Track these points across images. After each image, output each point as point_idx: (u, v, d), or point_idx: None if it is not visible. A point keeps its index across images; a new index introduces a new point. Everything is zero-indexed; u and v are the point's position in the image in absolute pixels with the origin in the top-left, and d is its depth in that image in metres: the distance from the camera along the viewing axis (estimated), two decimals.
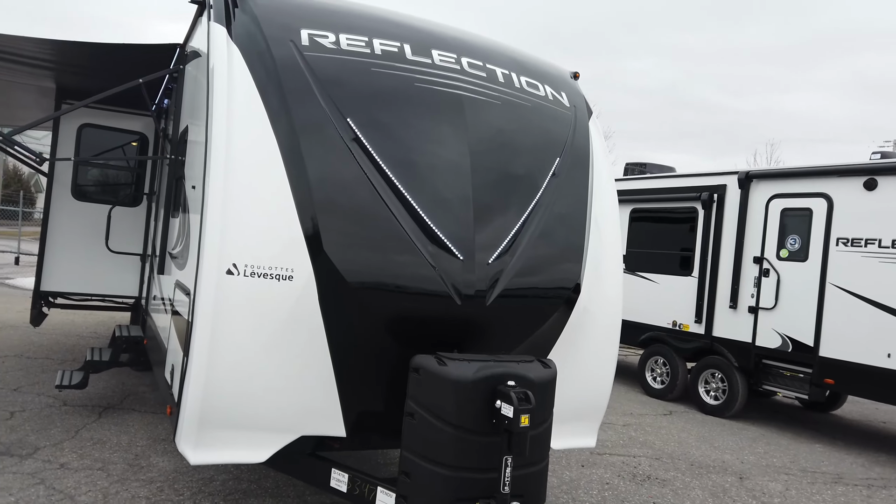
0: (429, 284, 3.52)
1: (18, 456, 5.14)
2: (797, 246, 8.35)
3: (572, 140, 4.35)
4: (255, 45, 3.69)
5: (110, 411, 6.52)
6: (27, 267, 19.11)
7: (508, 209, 3.84)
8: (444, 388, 3.20)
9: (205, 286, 3.34)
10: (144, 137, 7.67)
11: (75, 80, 6.73)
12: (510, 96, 4.19)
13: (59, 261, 7.39)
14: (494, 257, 3.67)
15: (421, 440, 3.25)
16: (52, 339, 9.76)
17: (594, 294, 4.20)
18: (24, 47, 5.47)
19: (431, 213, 3.59)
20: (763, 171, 9.05)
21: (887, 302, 7.45)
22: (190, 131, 4.59)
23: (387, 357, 3.61)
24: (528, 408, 3.07)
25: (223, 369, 3.39)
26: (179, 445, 3.52)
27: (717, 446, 7.55)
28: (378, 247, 3.51)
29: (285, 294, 3.42)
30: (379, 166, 3.59)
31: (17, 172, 46.70)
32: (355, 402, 3.67)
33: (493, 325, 3.72)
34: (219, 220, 3.37)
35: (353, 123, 3.62)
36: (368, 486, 3.59)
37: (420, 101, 3.85)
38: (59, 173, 7.37)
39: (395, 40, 4.01)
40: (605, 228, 4.39)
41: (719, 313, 9.17)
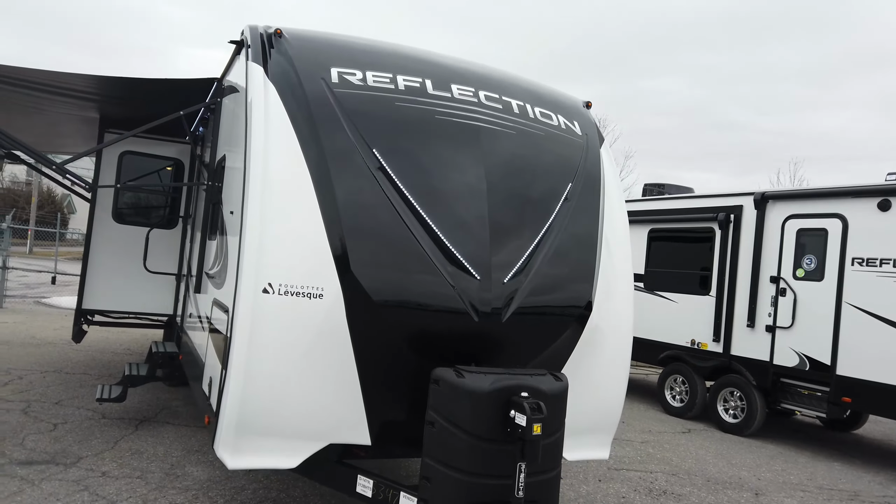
0: (448, 302, 3.79)
1: (63, 464, 5.46)
2: (813, 266, 8.48)
3: (584, 166, 4.61)
4: (289, 82, 4.02)
5: (146, 424, 6.85)
6: (62, 286, 19.75)
7: (523, 231, 4.10)
8: (462, 398, 3.45)
9: (243, 304, 3.64)
10: (180, 163, 8.08)
11: (117, 110, 7.17)
12: (524, 126, 4.48)
13: (99, 280, 7.80)
14: (510, 277, 3.93)
15: (440, 447, 3.50)
16: (88, 355, 10.17)
17: (606, 312, 4.42)
18: (74, 83, 5.90)
19: (450, 235, 3.86)
20: (779, 192, 9.20)
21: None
22: (227, 159, 4.94)
23: (409, 370, 3.87)
24: (540, 417, 3.31)
25: (259, 381, 3.68)
26: (218, 451, 3.80)
27: (734, 463, 7.66)
28: (401, 267, 3.78)
29: (315, 311, 3.70)
30: (402, 192, 3.88)
31: (51, 194, 48.05)
32: (380, 412, 3.93)
33: (508, 341, 3.96)
34: (256, 243, 3.68)
35: (377, 153, 3.93)
36: (392, 491, 3.84)
37: (440, 132, 4.15)
38: (101, 198, 7.81)
39: (417, 76, 4.32)
40: (616, 249, 4.63)
41: (737, 332, 9.29)
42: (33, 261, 27.43)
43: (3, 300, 15.55)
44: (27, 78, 5.76)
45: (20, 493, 4.80)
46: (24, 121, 7.61)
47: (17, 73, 5.64)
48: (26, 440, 5.97)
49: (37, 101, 6.58)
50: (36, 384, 8.01)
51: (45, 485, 4.99)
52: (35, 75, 5.72)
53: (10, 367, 8.84)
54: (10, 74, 5.63)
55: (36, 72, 5.64)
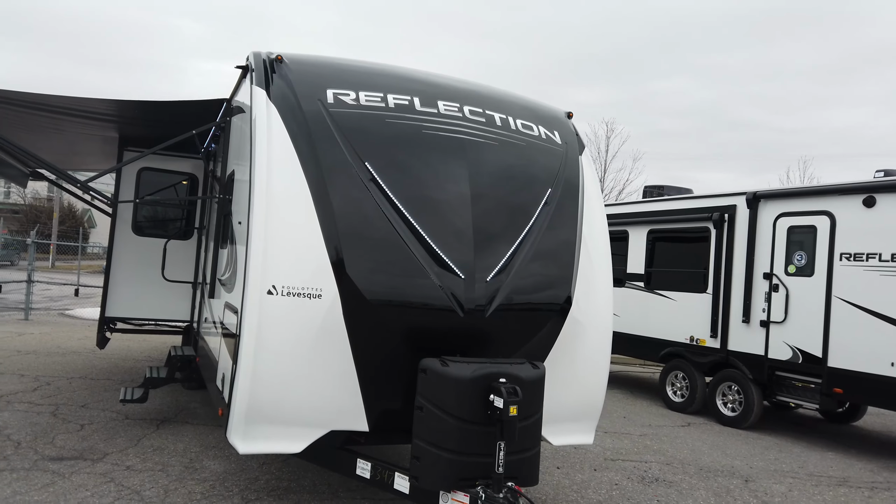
0: (435, 300, 4.17)
1: (91, 460, 5.90)
2: (803, 262, 8.76)
3: (563, 173, 4.98)
4: (289, 103, 4.44)
5: (167, 423, 7.29)
6: (84, 298, 20.38)
7: (504, 234, 4.48)
8: (447, 385, 3.84)
9: (250, 304, 4.06)
10: (195, 178, 8.56)
11: (135, 130, 7.65)
12: (506, 137, 4.86)
13: (121, 289, 8.29)
14: (492, 276, 4.31)
15: (428, 429, 3.88)
16: (111, 362, 10.67)
17: (585, 307, 4.79)
18: (95, 107, 6.38)
19: (437, 239, 4.25)
20: (770, 192, 9.49)
21: (889, 313, 7.81)
22: (236, 174, 5.37)
23: (401, 362, 4.25)
24: (515, 400, 3.68)
25: (265, 373, 4.09)
26: (230, 438, 4.21)
27: (728, 453, 7.95)
28: (392, 269, 4.18)
29: (315, 310, 4.11)
30: (392, 201, 4.27)
31: (72, 209, 49.12)
32: (376, 401, 4.32)
33: (492, 334, 4.34)
34: (261, 249, 4.09)
35: (370, 166, 4.33)
36: (388, 471, 4.23)
37: (427, 145, 4.55)
38: (122, 212, 8.30)
39: (406, 94, 4.72)
40: (595, 250, 4.99)
41: (733, 328, 9.58)
42: (56, 274, 28.20)
43: (29, 312, 16.15)
44: (51, 103, 6.24)
45: (52, 484, 5.24)
46: (47, 141, 8.13)
47: (42, 100, 6.12)
48: (56, 439, 6.43)
49: (60, 123, 7.08)
50: (63, 389, 8.50)
51: (74, 477, 5.42)
52: (59, 101, 6.19)
53: (39, 374, 9.35)
54: (36, 100, 6.11)
55: (60, 98, 6.11)
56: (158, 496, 5.15)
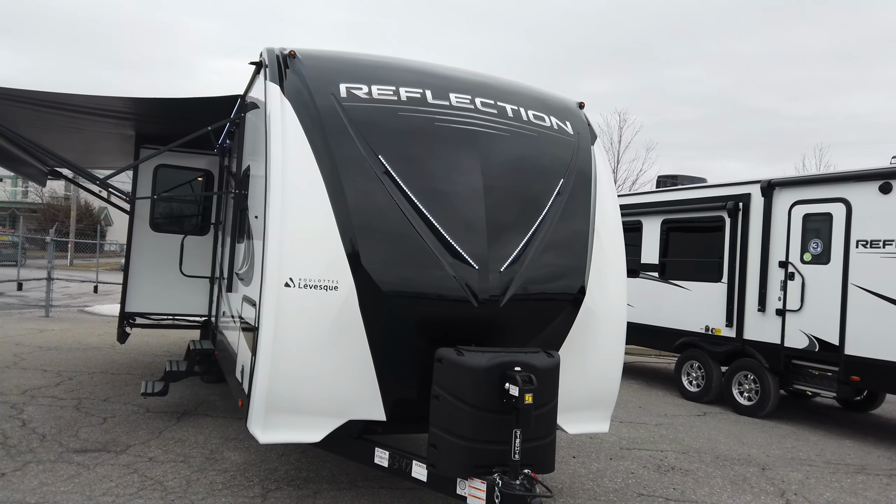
0: (450, 291, 4.22)
1: (114, 452, 6.02)
2: (819, 249, 8.71)
3: (575, 163, 5.00)
4: (303, 98, 4.50)
5: (187, 416, 7.41)
6: (103, 295, 20.66)
7: (517, 225, 4.51)
8: (462, 374, 3.89)
9: (267, 297, 4.12)
10: (210, 174, 8.66)
11: (152, 128, 7.76)
12: (518, 129, 4.89)
13: (140, 285, 8.42)
14: (506, 266, 4.35)
15: (444, 418, 3.93)
16: (131, 357, 10.83)
17: (599, 297, 4.81)
18: (113, 104, 6.48)
19: (451, 231, 4.30)
20: (784, 179, 9.44)
21: None
22: (251, 169, 5.45)
23: (417, 352, 4.31)
24: (531, 388, 3.72)
25: (283, 364, 4.16)
26: (251, 428, 4.30)
27: (745, 442, 7.95)
28: (407, 261, 4.23)
29: (332, 302, 4.17)
30: (406, 194, 4.32)
31: (89, 208, 49.67)
32: (392, 391, 4.38)
33: (506, 324, 4.38)
34: (277, 243, 4.16)
35: (383, 159, 4.38)
36: (405, 460, 4.29)
37: (439, 137, 4.59)
38: (139, 209, 8.43)
39: (417, 87, 4.76)
40: (608, 239, 5.01)
41: (749, 317, 9.55)
42: (74, 272, 28.59)
43: (50, 309, 16.40)
44: (71, 102, 6.35)
45: (77, 476, 5.36)
46: (65, 140, 8.26)
47: (61, 99, 6.23)
48: (80, 432, 6.56)
49: (78, 121, 7.19)
50: (85, 384, 8.65)
51: (99, 469, 5.54)
52: (77, 100, 6.30)
53: (61, 369, 9.52)
54: (56, 100, 6.22)
55: (78, 97, 6.22)
56: (181, 487, 5.25)
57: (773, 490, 6.22)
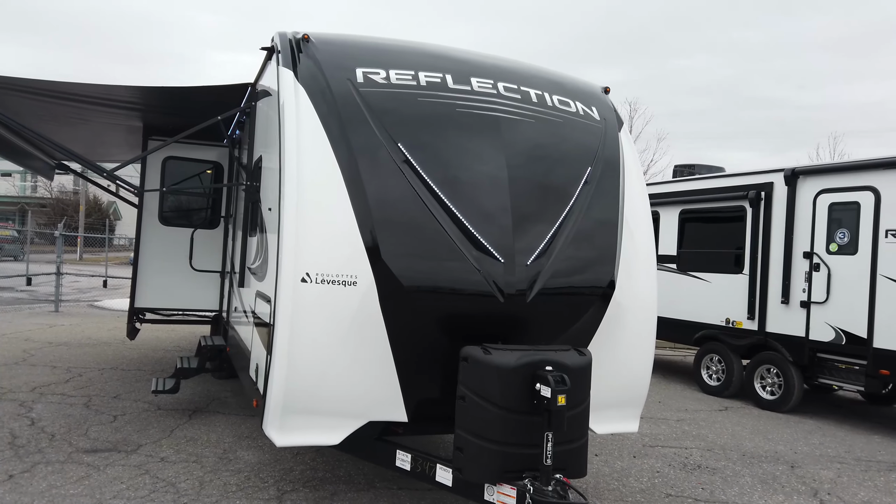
0: (474, 286, 4.01)
1: (125, 451, 5.86)
2: (846, 239, 8.45)
3: (602, 150, 4.77)
4: (318, 84, 4.28)
5: (199, 414, 7.24)
6: (112, 290, 20.57)
7: (544, 216, 4.29)
8: (490, 373, 3.68)
9: (283, 293, 3.92)
10: (219, 166, 8.46)
11: (160, 118, 7.56)
12: (543, 114, 4.66)
13: (150, 280, 8.24)
14: (532, 259, 4.13)
15: (471, 420, 3.73)
16: (141, 353, 10.69)
17: (628, 291, 4.59)
18: (120, 94, 6.28)
19: (475, 222, 4.08)
20: (809, 168, 9.16)
21: None
22: (263, 160, 5.24)
23: (440, 350, 4.10)
24: (564, 389, 3.51)
25: (301, 363, 3.96)
26: (267, 430, 4.10)
27: (770, 438, 7.72)
28: (429, 254, 4.01)
29: (350, 298, 3.97)
30: (427, 183, 4.10)
31: (98, 202, 49.67)
32: (414, 390, 4.18)
33: (533, 320, 4.17)
34: (293, 236, 3.95)
35: (403, 147, 4.16)
36: (429, 463, 4.09)
37: (461, 124, 4.36)
38: (148, 202, 8.24)
39: (437, 72, 4.54)
40: (637, 230, 4.78)
41: (772, 309, 9.30)
42: (83, 267, 28.55)
43: (59, 304, 16.30)
44: (76, 92, 6.16)
45: (87, 477, 5.19)
46: (72, 132, 8.07)
47: (67, 88, 6.03)
48: (90, 431, 6.40)
49: (84, 112, 7.00)
50: (95, 380, 8.50)
51: (109, 470, 5.37)
52: (83, 89, 6.10)
53: (70, 365, 9.38)
54: (61, 89, 6.03)
55: (84, 86, 6.02)
56: (194, 489, 5.08)
57: (804, 489, 6.00)
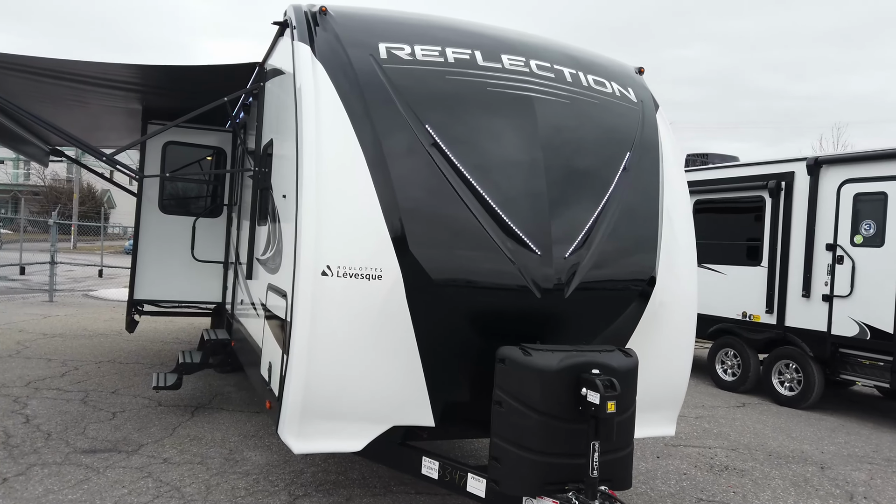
0: (509, 279, 3.69)
1: (125, 452, 5.54)
2: (872, 231, 8.16)
3: (641, 134, 4.44)
4: (338, 60, 3.93)
5: (201, 410, 6.92)
6: (108, 279, 20.19)
7: (582, 204, 3.97)
8: (530, 377, 3.36)
9: (302, 288, 3.59)
10: (222, 151, 8.09)
11: (160, 101, 7.18)
12: (578, 95, 4.32)
13: (149, 271, 7.89)
14: (570, 251, 3.81)
15: (509, 427, 3.42)
16: (139, 345, 10.35)
17: (669, 286, 4.27)
18: (119, 73, 5.90)
19: (509, 210, 3.76)
20: (833, 157, 8.86)
21: None
22: (275, 145, 4.89)
23: (470, 349, 3.79)
24: (614, 395, 3.20)
25: (321, 364, 3.64)
26: (283, 436, 3.79)
27: (794, 437, 7.46)
28: (460, 245, 3.69)
29: (375, 292, 3.64)
30: (457, 168, 3.77)
31: (91, 190, 49.12)
32: (442, 392, 3.86)
33: (571, 317, 3.85)
34: (313, 226, 3.62)
35: (431, 129, 3.82)
36: (459, 472, 3.78)
37: (493, 104, 4.02)
38: (147, 189, 7.86)
39: (466, 48, 4.19)
40: (678, 221, 4.47)
41: (791, 303, 9.01)
42: (78, 255, 28.11)
43: (54, 294, 15.92)
44: (73, 70, 5.78)
45: (87, 481, 4.87)
46: (69, 115, 7.68)
47: (64, 66, 5.66)
48: (88, 429, 6.08)
49: (81, 93, 6.62)
50: (92, 374, 8.17)
51: (109, 472, 5.06)
52: (80, 67, 5.73)
53: (66, 358, 9.04)
54: (57, 67, 5.66)
55: (81, 63, 5.65)
56: (200, 493, 4.77)
57: (839, 493, 5.73)
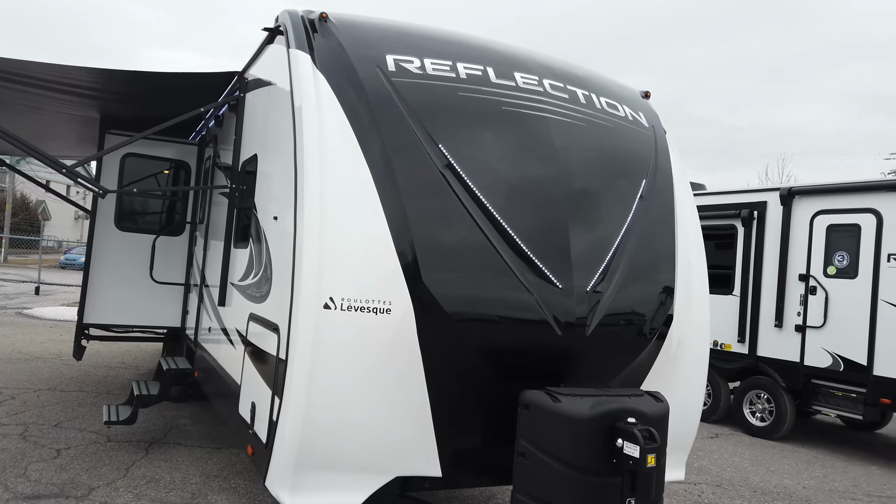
0: (528, 314, 3.39)
1: (74, 497, 4.96)
2: (846, 262, 8.20)
3: (655, 161, 4.23)
4: (343, 71, 3.58)
5: (156, 446, 6.34)
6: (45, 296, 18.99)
7: (602, 235, 3.71)
8: (560, 425, 3.05)
9: (302, 322, 3.20)
10: (186, 165, 7.55)
11: (120, 109, 6.62)
12: (593, 118, 4.08)
13: (102, 292, 7.24)
14: (592, 285, 3.53)
15: (535, 481, 3.09)
16: (81, 370, 9.58)
17: (684, 321, 4.05)
18: (75, 76, 5.37)
19: (527, 240, 3.46)
20: (806, 188, 8.92)
21: None
22: (261, 161, 4.46)
23: (485, 390, 3.46)
24: (654, 447, 2.92)
25: (321, 409, 3.24)
26: (273, 489, 3.36)
27: (773, 470, 7.35)
28: (476, 276, 3.37)
29: (383, 327, 3.28)
30: (473, 193, 3.46)
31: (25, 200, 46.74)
32: (451, 439, 3.51)
33: (593, 356, 3.57)
34: (315, 254, 3.24)
35: (444, 149, 3.51)
36: None
37: (509, 124, 3.74)
38: (102, 205, 7.24)
39: (477, 63, 3.90)
40: (691, 252, 4.26)
41: (764, 332, 8.99)
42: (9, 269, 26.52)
43: None
44: (27, 72, 5.23)
45: None
46: (18, 121, 7.00)
47: (16, 67, 5.10)
48: (29, 470, 5.45)
49: (34, 98, 6.03)
50: (30, 404, 7.45)
51: None
52: (35, 69, 5.18)
53: (1, 385, 8.25)
54: (8, 68, 5.09)
55: (37, 65, 5.10)
56: None
57: None
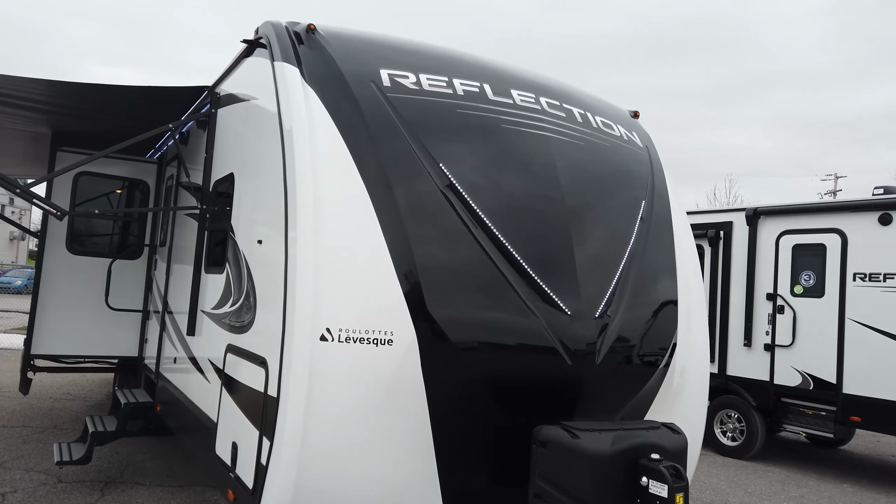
0: (538, 341, 3.20)
1: None
2: (812, 282, 8.31)
3: (652, 182, 4.13)
4: (335, 86, 3.36)
5: (112, 487, 5.87)
6: None
7: (606, 259, 3.56)
8: (580, 463, 2.85)
9: (296, 356, 2.93)
10: (144, 184, 7.13)
11: (74, 124, 6.20)
12: (591, 137, 3.96)
13: (52, 321, 6.72)
14: (600, 311, 3.37)
15: None
16: (24, 403, 8.92)
17: (687, 346, 3.92)
18: (22, 88, 4.95)
19: (534, 264, 3.28)
20: (771, 208, 9.04)
21: None
22: (238, 181, 4.16)
23: (491, 426, 3.24)
24: (682, 485, 2.74)
25: (317, 451, 2.96)
26: None
27: (751, 492, 7.31)
28: (483, 303, 3.17)
29: (385, 359, 3.03)
30: (476, 215, 3.27)
31: None
32: (455, 479, 3.27)
33: (602, 385, 3.39)
34: (310, 282, 2.98)
35: (445, 169, 3.31)
36: None
37: (509, 143, 3.57)
38: (52, 226, 6.75)
39: (474, 80, 3.73)
40: (690, 274, 4.15)
41: (733, 352, 9.03)
42: None
43: None
44: None
45: None
46: None
47: None
48: None
49: None
50: None
51: None
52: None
53: None
54: None
55: None
56: None
57: None
